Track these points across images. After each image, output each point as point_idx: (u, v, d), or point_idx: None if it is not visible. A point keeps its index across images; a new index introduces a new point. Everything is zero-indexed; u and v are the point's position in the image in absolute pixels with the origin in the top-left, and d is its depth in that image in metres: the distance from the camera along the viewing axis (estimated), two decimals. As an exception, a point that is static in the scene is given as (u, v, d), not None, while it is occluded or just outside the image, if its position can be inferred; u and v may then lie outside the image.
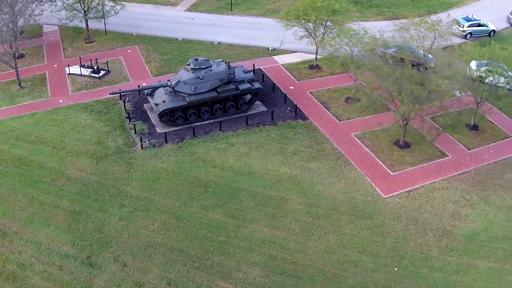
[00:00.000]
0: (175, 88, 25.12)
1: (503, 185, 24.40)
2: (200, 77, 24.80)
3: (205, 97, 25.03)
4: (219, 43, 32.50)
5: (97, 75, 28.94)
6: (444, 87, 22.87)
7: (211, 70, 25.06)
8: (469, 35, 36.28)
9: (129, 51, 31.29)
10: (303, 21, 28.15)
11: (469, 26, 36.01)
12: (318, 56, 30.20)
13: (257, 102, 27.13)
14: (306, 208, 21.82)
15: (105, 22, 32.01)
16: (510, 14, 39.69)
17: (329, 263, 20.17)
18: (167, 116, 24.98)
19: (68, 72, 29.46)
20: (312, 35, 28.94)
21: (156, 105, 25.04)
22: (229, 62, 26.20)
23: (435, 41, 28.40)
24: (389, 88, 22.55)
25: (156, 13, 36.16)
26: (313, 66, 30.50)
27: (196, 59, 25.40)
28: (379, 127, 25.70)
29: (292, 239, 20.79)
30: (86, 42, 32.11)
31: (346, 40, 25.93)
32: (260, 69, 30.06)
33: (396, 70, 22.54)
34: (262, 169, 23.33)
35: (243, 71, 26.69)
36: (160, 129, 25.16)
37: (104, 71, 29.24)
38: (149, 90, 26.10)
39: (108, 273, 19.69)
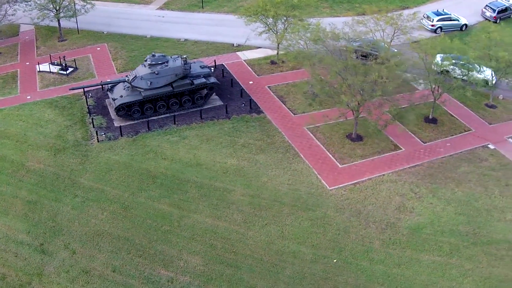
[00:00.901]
0: (132, 83, 26.01)
1: (455, 179, 24.45)
2: (156, 72, 25.64)
3: (161, 92, 25.86)
4: (186, 40, 33.30)
5: (64, 72, 30.08)
6: (386, 80, 22.60)
7: (167, 66, 25.85)
8: (439, 29, 36.10)
9: (98, 48, 32.36)
10: (262, 16, 28.75)
11: (439, 20, 35.97)
12: (280, 52, 30.37)
13: (215, 97, 27.86)
14: (249, 199, 22.41)
15: (77, 21, 33.07)
16: (484, 8, 39.46)
17: (268, 254, 20.69)
18: (124, 110, 25.90)
19: (38, 70, 30.67)
20: (272, 30, 29.55)
21: (113, 100, 26.01)
22: (186, 58, 26.77)
23: (395, 35, 28.81)
24: (332, 80, 22.89)
25: (128, 11, 37.19)
26: (274, 62, 30.94)
27: (153, 55, 26.27)
28: (332, 120, 25.84)
29: (233, 229, 21.42)
30: (59, 41, 33.32)
31: (301, 34, 26.42)
32: (222, 64, 30.70)
33: (339, 61, 22.88)
34: (210, 161, 24.00)
35: (200, 66, 27.35)
36: (117, 123, 26.12)
37: (72, 68, 30.37)
38: (109, 85, 27.11)
39: (59, 259, 20.71)
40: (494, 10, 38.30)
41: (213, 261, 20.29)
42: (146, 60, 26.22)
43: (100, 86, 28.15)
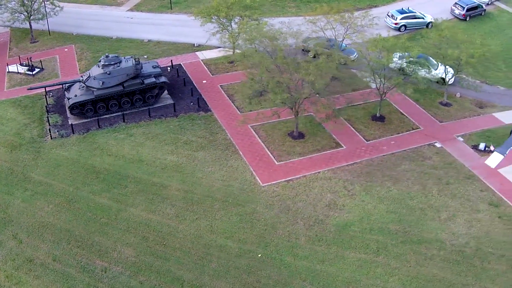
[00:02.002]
0: (85, 83, 27.39)
1: (393, 177, 24.68)
2: (108, 72, 26.91)
3: (112, 91, 27.11)
4: (149, 40, 34.50)
5: (31, 73, 31.71)
6: (313, 78, 22.73)
7: (119, 66, 27.09)
8: (403, 27, 36.05)
9: (65, 50, 33.93)
10: (215, 17, 29.56)
11: (403, 18, 35.95)
12: (236, 51, 30.77)
13: (166, 96, 28.94)
14: (183, 194, 23.36)
15: (48, 23, 34.71)
16: (453, 5, 38.94)
17: (196, 247, 21.54)
18: (77, 109, 27.26)
19: (7, 71, 32.39)
20: (227, 30, 30.25)
21: (68, 99, 27.51)
22: (138, 58, 27.87)
23: (347, 33, 29.06)
24: (260, 78, 23.36)
25: (100, 13, 38.64)
26: (231, 61, 31.58)
27: (107, 56, 27.61)
28: (277, 118, 25.87)
29: (165, 223, 22.39)
30: (30, 42, 35.06)
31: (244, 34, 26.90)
32: (180, 64, 31.75)
33: (267, 59, 23.32)
34: (151, 158, 25.05)
35: (153, 66, 28.47)
36: (71, 121, 27.46)
37: (38, 69, 31.96)
38: (66, 85, 28.52)
39: (7, 248, 22.15)
40: (463, 8, 37.99)
41: (144, 252, 21.29)
42: (100, 61, 27.54)
43: (61, 86, 29.31)
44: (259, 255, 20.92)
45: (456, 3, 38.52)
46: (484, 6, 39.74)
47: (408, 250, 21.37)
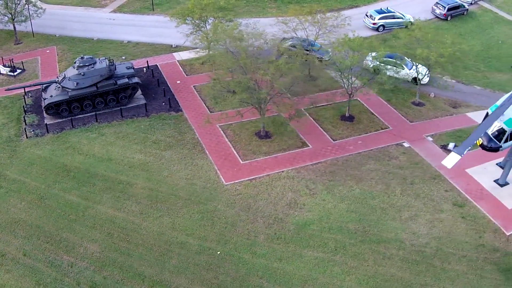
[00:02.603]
0: (61, 84, 28.27)
1: (356, 176, 25.03)
2: (82, 73, 27.66)
3: (86, 92, 27.87)
4: (128, 41, 35.26)
5: (12, 74, 32.66)
6: (271, 78, 23.09)
7: (93, 67, 27.86)
8: (381, 27, 36.26)
9: (47, 51, 34.82)
10: (189, 18, 30.09)
11: (381, 18, 36.18)
12: (211, 52, 30.92)
13: (140, 96, 29.61)
14: (148, 192, 23.99)
15: (31, 25, 35.61)
16: (434, 5, 38.96)
17: (158, 243, 22.16)
18: (53, 109, 28.09)
19: (-10, 71, 34.19)
20: (202, 31, 30.70)
21: (44, 100, 28.43)
22: (112, 60, 28.78)
23: (318, 33, 29.38)
24: (223, 78, 23.82)
25: (83, 15, 39.46)
26: (202, 62, 31.90)
27: (82, 57, 28.35)
28: (240, 119, 26.28)
29: (130, 220, 23.01)
30: (14, 44, 36.04)
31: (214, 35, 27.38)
32: (156, 65, 32.42)
33: (229, 59, 23.79)
34: (120, 157, 25.74)
35: (126, 67, 29.14)
36: (47, 121, 28.26)
37: (20, 70, 32.88)
38: (43, 85, 29.35)
39: None
40: (444, 7, 38.01)
41: (108, 248, 21.96)
42: (75, 62, 28.35)
43: (40, 87, 30.13)
44: (218, 252, 21.46)
45: (437, 2, 38.64)
46: (466, 6, 39.86)
47: (366, 249, 21.78)
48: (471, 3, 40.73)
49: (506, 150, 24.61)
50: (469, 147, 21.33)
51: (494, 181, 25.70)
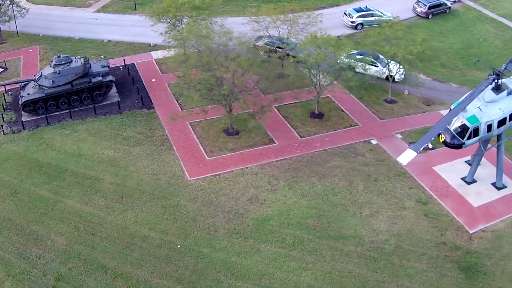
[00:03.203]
0: (38, 82, 29.27)
1: (320, 173, 25.49)
2: (58, 72, 28.68)
3: (61, 90, 28.85)
4: (109, 41, 36.20)
5: (-5, 72, 34.50)
6: (231, 75, 23.52)
7: (68, 66, 28.81)
8: (360, 25, 36.53)
9: (30, 50, 35.86)
10: (165, 17, 30.79)
11: (359, 16, 36.55)
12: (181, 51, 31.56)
13: (115, 94, 30.50)
14: (114, 187, 24.82)
15: (16, 25, 36.65)
16: (416, 3, 39.17)
17: (122, 237, 22.92)
18: (29, 107, 29.04)
19: (-25, 71, 35.31)
20: (177, 30, 31.42)
21: (21, 97, 29.33)
22: (88, 58, 29.60)
23: (291, 32, 29.81)
24: (188, 76, 24.38)
25: (67, 15, 40.50)
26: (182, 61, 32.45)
27: (59, 56, 29.43)
28: (217, 115, 26.90)
29: (96, 214, 23.84)
30: None
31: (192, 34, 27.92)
32: (133, 63, 33.22)
33: (193, 57, 24.32)
34: (90, 152, 26.59)
35: (102, 66, 30.08)
36: (24, 118, 29.17)
37: (2, 69, 34.00)
38: (22, 84, 30.31)
39: None
40: (425, 5, 38.18)
41: (74, 241, 22.80)
42: (52, 61, 29.40)
43: (19, 85, 30.88)
44: (178, 246, 22.14)
45: (418, 1, 38.89)
46: (449, 4, 40.08)
47: (324, 245, 22.22)
48: (455, 1, 40.94)
49: (476, 147, 24.98)
50: (426, 144, 21.47)
51: (462, 178, 25.87)
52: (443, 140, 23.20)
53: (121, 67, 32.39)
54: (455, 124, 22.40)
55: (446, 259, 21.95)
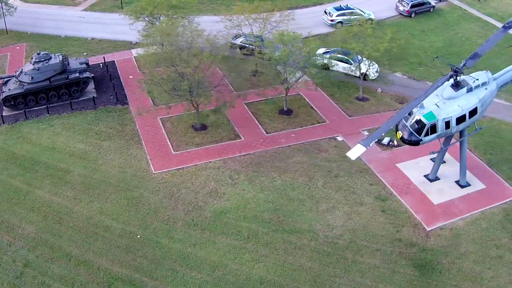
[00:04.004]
0: (18, 78, 31.01)
1: (281, 168, 26.47)
2: (37, 68, 30.39)
3: (40, 86, 30.56)
4: (92, 38, 37.94)
5: (-19, 69, 36.34)
6: (191, 71, 24.48)
7: (47, 63, 30.54)
8: (339, 24, 37.03)
9: (17, 48, 37.73)
10: (142, 15, 32.08)
11: (339, 15, 37.28)
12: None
13: (92, 90, 32.06)
14: (83, 179, 26.29)
15: (5, 22, 38.56)
16: (398, 2, 39.55)
17: (86, 226, 24.38)
18: (10, 102, 30.78)
19: (-36, 67, 37.24)
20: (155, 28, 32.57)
21: (2, 93, 31.19)
22: (66, 55, 31.45)
23: (264, 30, 31.02)
24: (151, 76, 25.64)
25: (56, 13, 42.33)
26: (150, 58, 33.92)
27: (38, 53, 31.15)
28: (185, 112, 27.87)
29: (64, 204, 25.39)
30: (-11, 41, 40.02)
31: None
32: (114, 61, 34.79)
33: (154, 54, 25.53)
34: (63, 146, 28.11)
35: (80, 63, 31.71)
36: (5, 113, 30.87)
37: (-11, 65, 36.64)
38: (4, 79, 32.09)
39: None
40: (407, 4, 38.59)
41: (43, 230, 24.36)
42: (32, 58, 31.16)
43: (2, 80, 32.52)
44: (138, 236, 23.49)
45: (401, -1, 39.59)
46: (433, 3, 40.49)
47: (278, 238, 23.23)
48: (440, 0, 41.21)
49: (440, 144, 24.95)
50: (376, 140, 21.79)
51: (425, 176, 26.63)
52: (400, 136, 23.73)
53: (101, 64, 34.10)
54: (412, 120, 22.72)
55: (400, 256, 22.65)
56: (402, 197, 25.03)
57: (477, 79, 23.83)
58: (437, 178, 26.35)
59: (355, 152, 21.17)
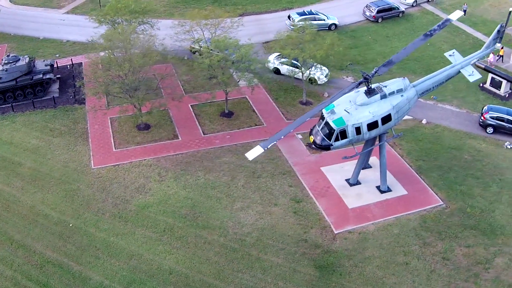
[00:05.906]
0: (-12, 79, 36.67)
1: (207, 167, 29.90)
2: (6, 69, 35.60)
3: (8, 85, 35.60)
4: (67, 41, 42.89)
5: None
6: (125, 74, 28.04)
7: (15, 64, 35.61)
8: (302, 29, 38.80)
9: (-1, 48, 43.87)
10: (106, 19, 36.14)
11: (301, 20, 39.45)
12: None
13: (56, 90, 36.91)
14: (31, 171, 30.76)
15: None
16: (365, 7, 41.31)
17: (30, 214, 28.68)
18: (-20, 101, 36.89)
19: None
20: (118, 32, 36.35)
21: (-25, 92, 36.81)
22: (33, 57, 36.46)
23: (214, 35, 34.13)
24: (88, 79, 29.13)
25: (40, 15, 47.58)
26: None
27: (8, 55, 36.43)
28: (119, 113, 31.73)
29: (13, 194, 29.85)
30: (-26, 42, 45.55)
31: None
32: (81, 62, 39.35)
33: (96, 57, 29.07)
34: (19, 141, 32.63)
35: (45, 64, 36.75)
36: (-23, 110, 37.01)
37: (-31, 66, 42.02)
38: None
39: None
40: (374, 9, 40.50)
41: (-5, 217, 29.23)
42: (2, 60, 36.42)
43: None
44: (71, 225, 27.57)
45: (367, 4, 41.39)
46: (402, 8, 42.00)
47: (191, 233, 26.62)
48: (412, 5, 42.34)
49: (360, 150, 26.12)
50: (275, 142, 23.64)
51: (346, 180, 28.75)
52: (312, 140, 25.79)
53: (69, 66, 39.08)
54: (323, 125, 24.78)
55: (303, 256, 25.31)
56: (318, 200, 27.52)
57: (392, 86, 25.43)
58: (358, 183, 28.47)
59: (253, 153, 23.24)
